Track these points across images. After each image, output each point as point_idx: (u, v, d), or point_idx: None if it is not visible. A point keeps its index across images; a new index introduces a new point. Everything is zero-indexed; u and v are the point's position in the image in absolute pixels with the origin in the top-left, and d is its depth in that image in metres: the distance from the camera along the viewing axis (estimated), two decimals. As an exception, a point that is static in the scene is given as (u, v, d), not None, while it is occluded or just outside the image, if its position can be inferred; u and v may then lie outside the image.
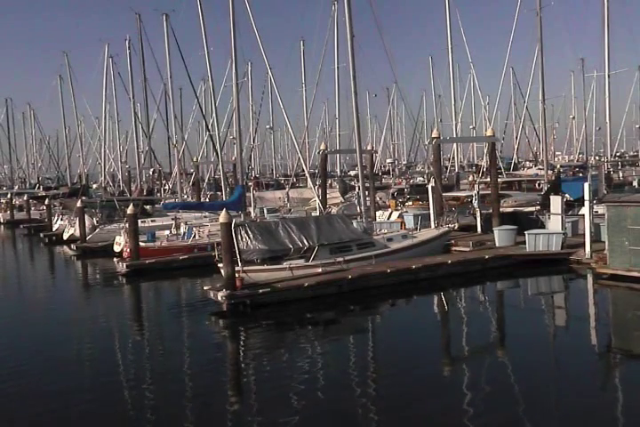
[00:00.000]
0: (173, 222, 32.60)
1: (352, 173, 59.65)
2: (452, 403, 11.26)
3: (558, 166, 52.79)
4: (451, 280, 22.43)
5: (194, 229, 30.90)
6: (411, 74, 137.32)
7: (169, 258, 28.30)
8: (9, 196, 61.97)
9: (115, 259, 30.26)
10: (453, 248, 26.25)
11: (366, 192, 28.75)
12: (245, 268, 20.55)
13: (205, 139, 47.95)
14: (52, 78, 60.23)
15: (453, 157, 53.03)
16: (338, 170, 57.88)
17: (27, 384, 13.36)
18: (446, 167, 53.36)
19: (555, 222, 25.39)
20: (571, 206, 28.35)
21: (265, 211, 36.11)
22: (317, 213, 27.82)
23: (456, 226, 27.26)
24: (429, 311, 19.63)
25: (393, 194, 42.40)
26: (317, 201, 28.77)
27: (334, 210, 33.16)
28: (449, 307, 20.20)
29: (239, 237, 20.87)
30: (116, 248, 31.61)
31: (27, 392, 12.92)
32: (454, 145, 52.01)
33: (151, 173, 55.44)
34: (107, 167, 54.36)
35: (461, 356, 14.58)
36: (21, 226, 50.83)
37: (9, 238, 49.50)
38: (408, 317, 18.95)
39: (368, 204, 28.67)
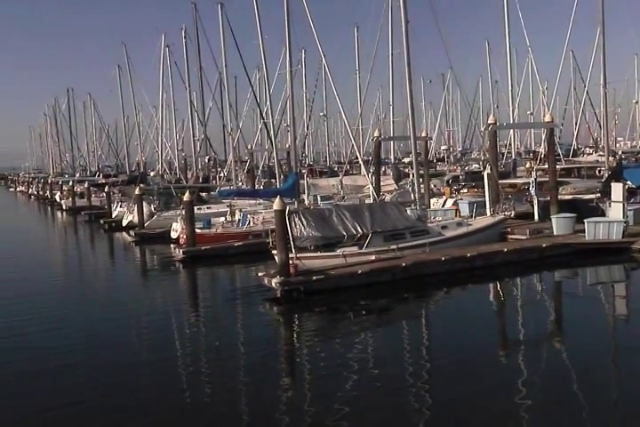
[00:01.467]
0: (228, 209, 32.92)
1: (406, 160, 59.08)
2: (508, 395, 11.06)
3: (620, 153, 51.12)
4: (507, 269, 22.02)
5: (248, 216, 31.14)
6: (466, 59, 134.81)
7: (224, 245, 28.62)
8: (71, 183, 63.76)
9: (171, 245, 30.79)
10: (510, 236, 25.73)
11: (420, 179, 28.45)
12: (299, 255, 20.60)
13: (260, 126, 48.17)
14: (112, 68, 61.26)
15: (510, 144, 51.94)
16: (392, 157, 57.43)
17: (97, 359, 13.77)
18: (503, 154, 52.31)
19: (616, 210, 24.62)
20: (633, 194, 27.44)
21: (318, 198, 36.09)
22: (371, 201, 27.66)
23: (512, 214, 26.73)
24: (485, 300, 19.33)
25: (448, 181, 41.81)
26: (371, 188, 28.59)
27: (388, 197, 32.94)
28: (505, 296, 19.86)
29: (293, 225, 20.92)
30: (173, 235, 32.12)
31: (98, 365, 13.36)
32: (511, 131, 50.92)
33: (207, 160, 56.04)
34: (164, 155, 55.25)
35: (518, 346, 14.31)
36: (82, 213, 52.24)
37: (71, 225, 50.97)
38: (463, 305, 18.71)
39: (422, 191, 28.36)
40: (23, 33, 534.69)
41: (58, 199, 66.86)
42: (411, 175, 33.04)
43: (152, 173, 60.11)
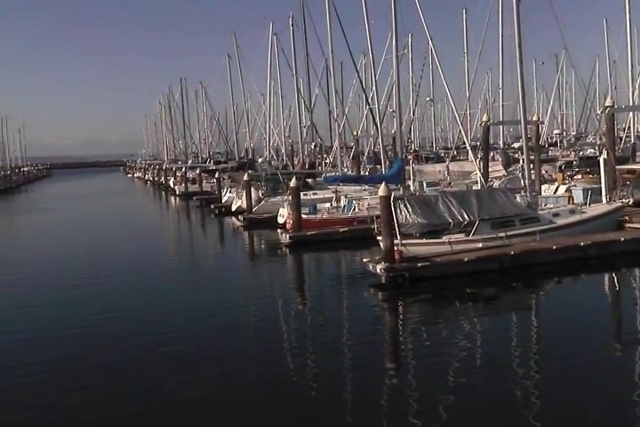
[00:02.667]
0: (334, 195, 33.08)
1: (516, 145, 57.12)
2: (622, 393, 10.52)
3: None
4: (623, 259, 20.88)
5: (354, 202, 31.19)
6: (582, 38, 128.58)
7: (329, 230, 28.85)
8: (183, 170, 66.14)
9: (278, 230, 31.36)
10: (627, 225, 24.34)
11: (531, 165, 27.42)
12: (404, 241, 20.42)
13: (365, 112, 47.89)
14: (221, 57, 62.64)
15: (629, 127, 49.04)
16: (500, 142, 55.63)
17: (199, 346, 14.24)
18: (621, 138, 49.46)
19: None
20: None
21: (424, 184, 35.55)
22: (479, 187, 26.96)
23: (630, 201, 25.27)
24: (599, 291, 18.46)
25: (560, 167, 40.06)
26: (479, 174, 27.83)
27: (496, 183, 31.95)
28: (621, 288, 18.88)
29: (398, 211, 20.74)
30: (280, 220, 32.69)
31: (200, 353, 13.76)
32: (630, 114, 48.05)
33: (313, 146, 56.51)
34: (271, 142, 56.11)
35: (635, 342, 13.55)
36: (194, 198, 54.17)
37: (183, 209, 53.03)
38: (575, 296, 17.94)
39: (533, 177, 27.33)
40: (140, 26, 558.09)
41: (171, 185, 69.66)
42: (521, 161, 31.89)
43: (260, 160, 61.21)
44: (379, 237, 20.62)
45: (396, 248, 19.77)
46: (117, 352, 13.84)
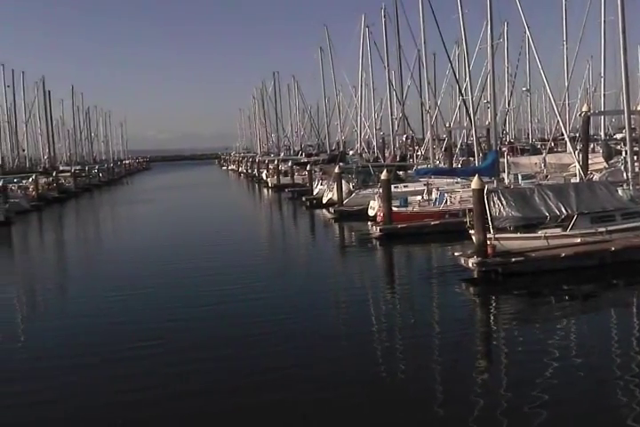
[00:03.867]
0: (425, 188, 32.71)
1: (618, 136, 54.43)
2: None
3: None
4: None
5: (445, 194, 30.73)
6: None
7: (420, 223, 28.57)
8: (276, 162, 67.17)
9: (369, 222, 31.32)
10: None
11: (635, 157, 26.11)
12: (498, 235, 19.93)
13: (458, 104, 47.02)
14: (314, 51, 63.03)
15: None
16: (602, 133, 53.29)
17: (287, 339, 14.41)
18: None
19: None
20: None
21: (519, 177, 34.53)
22: (577, 180, 25.94)
23: None
24: None
25: (666, 159, 37.95)
26: (578, 167, 26.75)
27: (597, 176, 30.65)
28: None
29: (492, 204, 20.25)
30: (371, 212, 32.64)
31: (287, 346, 13.89)
32: None
33: (404, 139, 56.00)
34: (362, 134, 56.04)
35: None
36: (286, 190, 54.93)
37: (275, 201, 53.90)
38: (681, 295, 17.00)
39: (637, 170, 26.04)
40: (233, 21, 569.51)
41: (264, 177, 70.96)
42: (623, 153, 30.44)
43: (351, 152, 61.24)
44: (471, 231, 20.25)
45: (488, 242, 19.35)
46: (208, 342, 14.20)
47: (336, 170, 38.53)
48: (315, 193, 46.01)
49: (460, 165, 41.70)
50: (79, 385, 11.94)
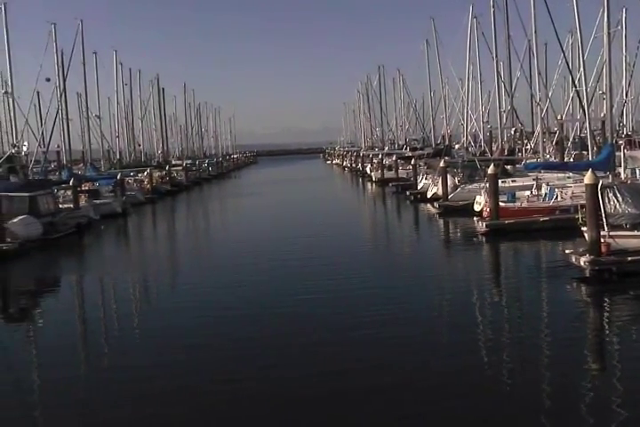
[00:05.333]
0: (535, 183, 31.66)
1: None
2: None
3: None
4: None
5: (556, 190, 29.62)
6: None
7: (529, 219, 27.71)
8: (380, 156, 66.98)
9: (474, 218, 30.70)
10: None
11: None
12: (612, 233, 18.97)
13: (571, 95, 45.11)
14: (419, 44, 62.28)
15: None
16: None
17: (389, 332, 14.32)
18: None
19: None
20: None
21: (637, 172, 32.76)
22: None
23: None
24: None
25: None
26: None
27: None
28: None
29: (606, 200, 19.32)
30: (476, 207, 31.98)
31: (391, 339, 13.77)
32: None
33: (512, 132, 54.36)
34: (469, 128, 54.85)
35: None
36: (390, 184, 54.75)
37: (379, 195, 53.85)
38: None
39: None
40: (336, 16, 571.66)
41: (368, 171, 71.03)
42: None
43: (457, 146, 60.12)
44: (583, 228, 19.43)
45: (602, 240, 18.48)
46: (310, 333, 14.37)
47: (441, 164, 38.01)
48: (419, 187, 45.62)
49: (572, 159, 40.02)
50: (184, 364, 12.52)
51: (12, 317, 18.52)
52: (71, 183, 38.26)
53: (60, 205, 35.74)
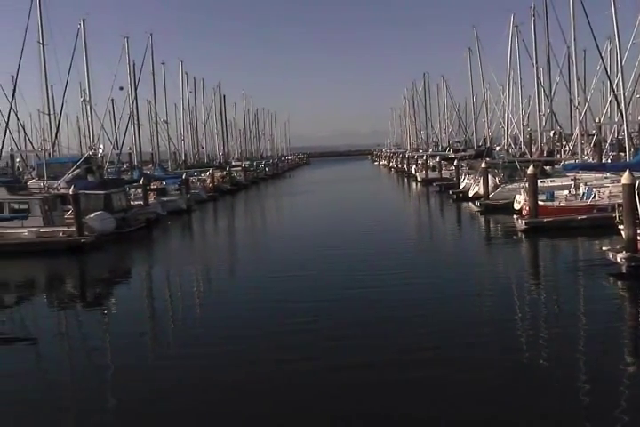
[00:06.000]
0: (573, 183, 30.92)
1: None
2: None
3: None
4: None
5: (594, 189, 28.84)
6: None
7: (567, 217, 27.04)
8: (424, 158, 66.34)
9: (514, 216, 30.11)
10: None
11: None
12: (648, 231, 18.37)
13: (609, 99, 43.84)
14: (462, 51, 61.55)
15: None
16: None
17: (429, 328, 14.20)
18: None
19: None
20: None
21: (674, 172, 31.65)
22: None
23: None
24: None
25: None
26: None
27: None
28: None
29: (643, 200, 18.70)
30: (516, 206, 31.41)
31: (430, 335, 13.65)
32: None
33: (551, 134, 53.16)
34: (509, 130, 53.88)
35: None
36: (434, 184, 54.21)
37: (423, 194, 53.38)
38: None
39: None
40: (382, 25, 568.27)
41: (413, 172, 70.52)
42: None
43: (497, 148, 59.05)
44: (620, 226, 18.86)
45: (638, 238, 17.91)
46: (358, 321, 14.35)
47: (482, 165, 37.46)
48: (461, 187, 45.11)
49: (609, 161, 38.89)
50: (243, 354, 12.53)
51: (88, 304, 19.06)
52: (141, 182, 39.15)
53: (132, 202, 36.61)
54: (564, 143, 51.17)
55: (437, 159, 62.17)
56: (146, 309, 17.83)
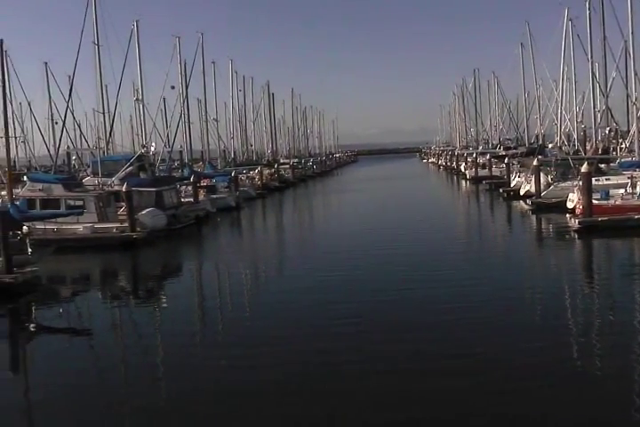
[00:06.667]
0: (629, 181, 29.89)
1: None
2: None
3: None
4: None
5: (651, 188, 27.84)
6: None
7: (623, 217, 26.14)
8: (474, 155, 65.33)
9: (567, 215, 29.36)
10: None
11: None
12: None
13: (669, 94, 42.27)
14: (514, 47, 60.32)
15: None
16: None
17: (478, 325, 13.88)
18: None
19: None
20: None
21: None
22: None
23: None
24: None
25: None
26: None
27: None
28: None
29: None
30: (569, 205, 30.59)
31: (479, 333, 13.40)
32: None
33: (607, 131, 51.59)
34: (562, 127, 52.54)
35: None
36: (484, 182, 53.30)
37: (473, 192, 52.57)
38: None
39: None
40: (430, 22, 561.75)
41: (462, 169, 69.57)
42: None
43: (550, 145, 57.60)
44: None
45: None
46: (402, 322, 14.19)
47: (534, 162, 36.64)
48: (512, 185, 44.16)
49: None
50: (287, 354, 12.41)
51: (140, 298, 19.50)
52: (192, 180, 39.74)
53: (182, 199, 37.21)
54: (621, 140, 49.58)
55: (487, 157, 61.13)
56: (195, 303, 18.07)
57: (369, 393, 10.33)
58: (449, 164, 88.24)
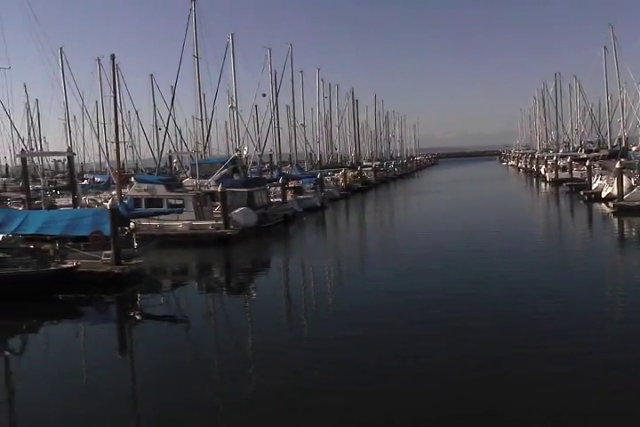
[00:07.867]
0: None
1: None
2: None
3: None
4: None
5: None
6: None
7: None
8: (554, 158, 62.87)
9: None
10: None
11: None
12: None
13: None
14: (597, 50, 57.52)
15: None
16: None
17: (551, 324, 13.41)
18: None
19: None
20: None
21: None
22: None
23: None
24: None
25: None
26: None
27: None
28: None
29: None
30: (653, 207, 28.89)
31: (550, 331, 12.92)
32: None
33: (695, 133, 48.35)
34: (647, 130, 49.70)
35: None
36: (564, 184, 51.17)
37: (553, 195, 50.56)
38: None
39: None
40: (513, 25, 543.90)
41: (542, 172, 67.15)
42: None
43: (634, 148, 54.63)
44: None
45: None
46: (483, 318, 13.84)
47: (617, 165, 34.79)
48: (593, 188, 42.14)
49: None
50: (368, 338, 12.59)
51: (232, 290, 20.06)
52: (280, 181, 40.43)
53: (271, 199, 37.92)
54: None
55: (568, 159, 58.68)
56: (282, 295, 18.37)
57: (447, 380, 10.20)
58: (529, 166, 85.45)
